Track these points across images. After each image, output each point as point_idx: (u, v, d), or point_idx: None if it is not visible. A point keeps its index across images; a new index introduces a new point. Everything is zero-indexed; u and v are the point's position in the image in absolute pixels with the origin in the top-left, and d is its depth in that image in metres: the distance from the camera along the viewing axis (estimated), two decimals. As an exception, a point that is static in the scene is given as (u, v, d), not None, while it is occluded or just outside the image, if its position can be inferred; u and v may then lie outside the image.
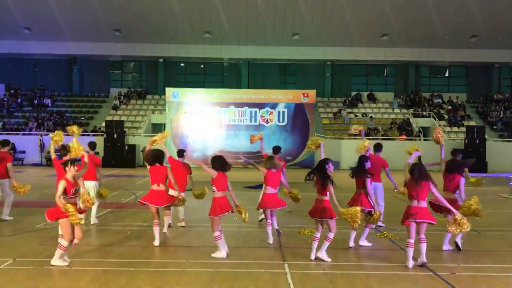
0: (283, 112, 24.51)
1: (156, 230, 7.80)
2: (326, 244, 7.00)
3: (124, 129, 26.08)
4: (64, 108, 31.12)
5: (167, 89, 26.16)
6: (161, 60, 34.09)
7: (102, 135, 25.68)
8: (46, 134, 25.73)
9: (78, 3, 28.20)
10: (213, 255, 7.11)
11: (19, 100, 31.74)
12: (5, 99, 31.91)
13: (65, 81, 34.26)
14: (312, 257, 7.01)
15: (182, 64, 35.43)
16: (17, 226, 9.27)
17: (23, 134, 26.72)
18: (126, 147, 25.25)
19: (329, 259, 6.96)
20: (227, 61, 34.37)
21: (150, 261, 6.98)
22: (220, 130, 24.34)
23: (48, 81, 33.65)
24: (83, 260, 6.92)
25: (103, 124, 27.31)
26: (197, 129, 24.15)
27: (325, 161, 7.17)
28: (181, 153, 9.55)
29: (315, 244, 7.08)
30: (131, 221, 9.96)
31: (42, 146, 25.53)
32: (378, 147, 9.62)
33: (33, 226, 9.17)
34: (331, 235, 7.00)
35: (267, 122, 24.35)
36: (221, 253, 7.11)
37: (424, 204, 6.79)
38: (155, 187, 7.90)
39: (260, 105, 24.61)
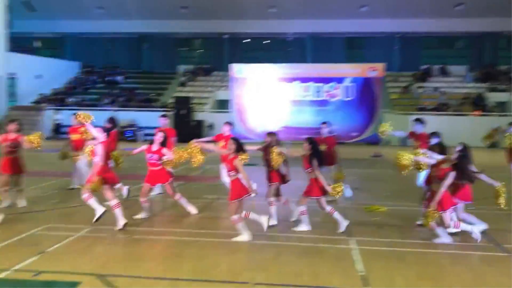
0: (350, 87, 23.92)
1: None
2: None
3: (191, 105, 26.67)
4: (135, 85, 32.26)
5: (231, 65, 26.34)
6: (226, 36, 34.33)
7: (171, 111, 26.43)
8: (119, 110, 26.91)
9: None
10: (234, 239, 6.74)
11: (93, 78, 33.32)
12: (81, 76, 33.64)
13: (136, 58, 35.55)
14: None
15: (246, 40, 35.49)
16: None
17: (98, 110, 28.05)
18: (194, 123, 25.87)
19: None
20: (292, 36, 33.95)
21: (216, 232, 7.17)
22: (284, 105, 24.24)
23: (120, 59, 35.02)
24: (156, 229, 7.22)
25: (171, 100, 28.12)
26: (261, 104, 24.19)
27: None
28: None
29: None
30: (201, 194, 10.22)
31: (112, 120, 26.70)
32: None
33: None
34: None
35: (332, 97, 23.92)
36: (244, 236, 6.75)
37: None
38: None
39: (326, 80, 24.17)
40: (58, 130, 26.10)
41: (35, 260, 5.71)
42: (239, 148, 6.76)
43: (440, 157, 6.87)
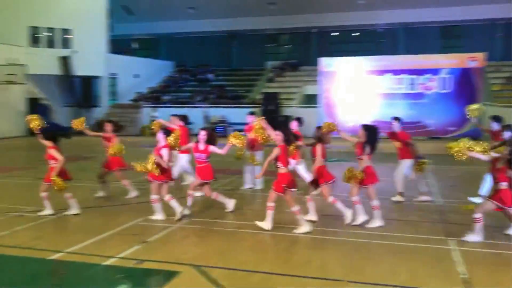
0: (447, 78, 22.59)
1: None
2: None
3: (279, 101, 26.80)
4: (224, 82, 33.10)
5: (320, 59, 26.04)
6: (314, 30, 34.08)
7: (259, 107, 26.77)
8: (210, 107, 27.79)
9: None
10: (295, 231, 6.74)
11: (186, 76, 34.73)
12: (175, 75, 35.23)
13: (225, 56, 36.52)
14: None
15: (335, 33, 34.94)
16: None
17: (191, 107, 29.16)
18: (282, 118, 25.96)
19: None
20: (382, 27, 32.84)
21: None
22: (376, 99, 23.49)
23: (210, 57, 36.17)
24: (248, 223, 7.34)
25: (260, 96, 28.50)
26: (351, 98, 23.65)
27: None
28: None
29: None
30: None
31: (206, 118, 27.60)
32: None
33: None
34: None
35: (427, 89, 22.75)
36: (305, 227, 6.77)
37: None
38: None
39: (420, 72, 23.02)
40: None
41: (137, 249, 6.06)
42: (288, 139, 6.83)
43: (495, 155, 6.33)
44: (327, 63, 24.77)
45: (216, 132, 10.65)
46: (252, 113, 10.57)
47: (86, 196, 9.06)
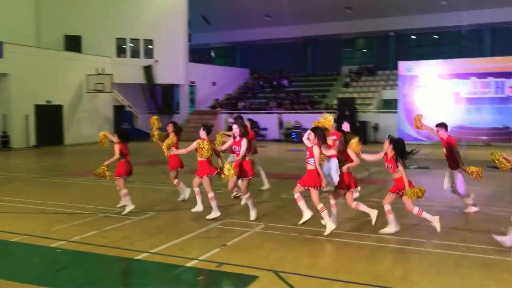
0: (539, 81, 21.03)
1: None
2: None
3: (355, 106, 26.33)
4: (299, 88, 33.10)
5: (399, 62, 25.17)
6: (392, 34, 33.18)
7: (334, 112, 26.46)
8: (284, 113, 27.89)
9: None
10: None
11: (261, 83, 35.14)
12: (250, 82, 35.77)
13: (300, 62, 36.57)
14: None
15: (414, 36, 33.79)
16: (264, 195, 10.29)
17: (266, 113, 29.45)
18: (358, 124, 25.48)
19: None
20: (466, 28, 31.24)
21: (387, 237, 6.91)
22: (459, 104, 22.33)
23: (285, 63, 36.39)
24: (322, 230, 7.26)
25: (335, 101, 28.18)
26: (433, 103, 22.66)
27: None
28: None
29: None
30: (367, 197, 9.98)
31: (281, 124, 27.73)
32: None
33: (278, 196, 10.10)
34: None
35: (517, 93, 21.31)
36: (330, 225, 6.87)
37: None
38: None
39: (509, 75, 21.61)
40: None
41: (217, 252, 6.19)
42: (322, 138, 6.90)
43: None
44: (407, 67, 23.96)
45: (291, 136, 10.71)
46: (342, 119, 10.15)
47: (165, 198, 9.42)
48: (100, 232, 7.19)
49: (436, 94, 22.35)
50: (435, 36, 33.10)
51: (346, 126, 9.44)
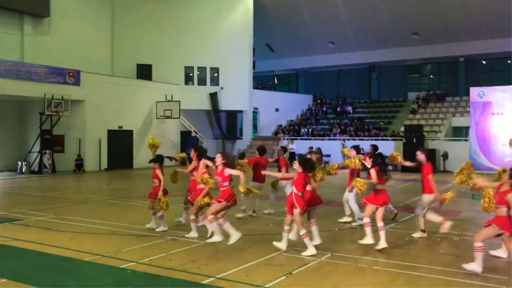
0: None
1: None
2: None
3: (423, 133, 25.47)
4: (363, 114, 32.59)
5: (471, 88, 24.27)
6: (461, 59, 32.06)
7: (401, 139, 25.75)
8: (348, 139, 27.48)
9: (375, 13, 29.38)
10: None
11: (324, 109, 34.98)
12: (313, 108, 35.70)
13: (364, 88, 36.13)
14: None
15: (484, 62, 32.45)
16: (324, 221, 10.06)
17: (329, 139, 29.16)
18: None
19: None
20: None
21: (432, 268, 6.51)
22: (537, 132, 21.02)
23: (349, 89, 36.12)
24: (397, 262, 6.96)
25: (401, 128, 27.44)
26: (509, 131, 21.46)
27: None
28: None
29: None
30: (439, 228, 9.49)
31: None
32: None
33: (335, 224, 9.85)
34: None
35: None
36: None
37: None
38: None
39: None
40: (293, 158, 28.03)
41: (282, 280, 6.09)
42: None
43: None
44: (479, 93, 23.00)
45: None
46: (420, 150, 8.96)
47: (232, 222, 9.46)
48: (168, 255, 7.31)
49: (512, 121, 21.24)
50: (508, 61, 31.57)
51: (421, 157, 8.59)
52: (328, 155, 27.94)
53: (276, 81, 41.44)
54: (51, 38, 25.57)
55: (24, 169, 22.44)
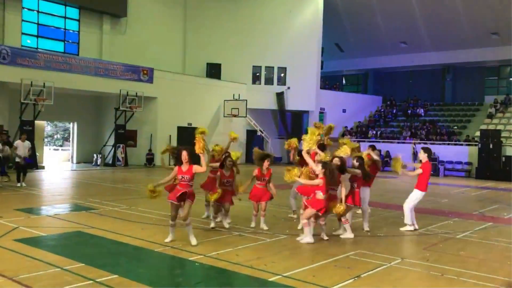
0: None
1: None
2: None
3: (501, 139, 24.05)
4: (436, 118, 31.30)
5: (555, 93, 22.63)
6: (546, 61, 29.98)
7: (476, 145, 24.47)
8: (419, 143, 26.48)
9: (453, 12, 28.13)
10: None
11: (394, 111, 33.94)
12: (382, 109, 34.75)
13: (437, 90, 34.70)
14: None
15: None
16: (389, 229, 9.73)
17: (398, 142, 28.27)
18: (503, 159, 23.21)
19: None
20: None
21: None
22: None
23: (421, 91, 34.81)
24: (472, 272, 6.60)
25: (477, 133, 26.09)
26: None
27: None
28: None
29: None
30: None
31: (415, 154, 26.35)
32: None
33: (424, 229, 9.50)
34: None
35: None
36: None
37: None
38: None
39: None
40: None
41: (350, 283, 5.95)
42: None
43: None
44: None
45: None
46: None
47: (297, 222, 9.41)
48: (235, 250, 7.38)
49: None
50: None
51: (423, 156, 9.27)
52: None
53: (344, 81, 40.78)
54: (128, 37, 26.77)
55: (99, 161, 23.65)
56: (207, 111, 27.14)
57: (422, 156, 9.27)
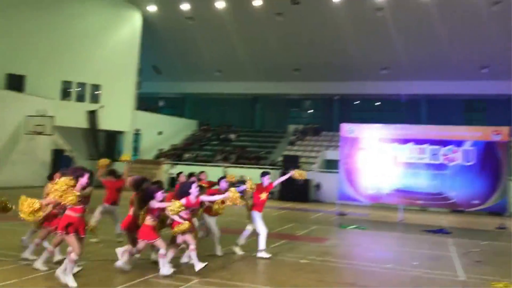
0: (471, 151, 22.30)
1: None
2: None
3: (299, 164, 26.77)
4: (246, 143, 33.39)
5: (342, 124, 26.13)
6: (336, 97, 34.59)
7: (279, 168, 26.75)
8: (230, 166, 27.84)
9: (263, 48, 30.77)
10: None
11: (208, 135, 35.20)
12: (198, 134, 35.75)
13: (248, 118, 37.22)
14: None
15: (357, 102, 35.42)
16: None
17: (211, 165, 29.28)
18: (301, 181, 25.81)
19: None
20: (404, 97, 33.17)
21: None
22: (397, 167, 23.22)
23: (233, 118, 36.90)
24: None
25: (280, 158, 28.58)
26: (372, 165, 23.42)
27: None
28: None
29: None
30: (306, 254, 9.94)
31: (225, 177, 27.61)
32: None
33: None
34: None
35: (451, 161, 22.45)
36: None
37: None
38: None
39: (443, 143, 22.79)
40: (173, 184, 27.61)
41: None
42: None
43: None
44: (348, 129, 24.79)
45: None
46: (265, 174, 10.58)
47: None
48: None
49: (376, 156, 23.16)
50: (376, 103, 34.83)
51: (182, 178, 10.56)
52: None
53: (162, 104, 40.85)
54: None
55: None
56: (5, 127, 24.24)
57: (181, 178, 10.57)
